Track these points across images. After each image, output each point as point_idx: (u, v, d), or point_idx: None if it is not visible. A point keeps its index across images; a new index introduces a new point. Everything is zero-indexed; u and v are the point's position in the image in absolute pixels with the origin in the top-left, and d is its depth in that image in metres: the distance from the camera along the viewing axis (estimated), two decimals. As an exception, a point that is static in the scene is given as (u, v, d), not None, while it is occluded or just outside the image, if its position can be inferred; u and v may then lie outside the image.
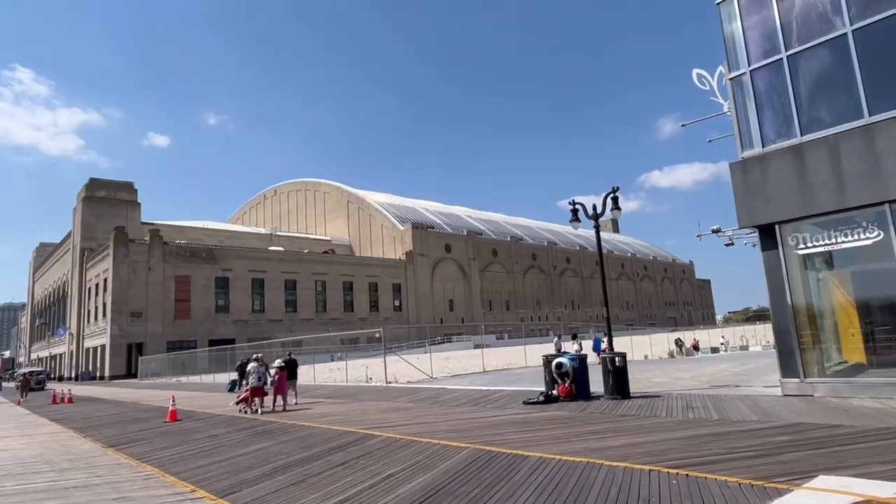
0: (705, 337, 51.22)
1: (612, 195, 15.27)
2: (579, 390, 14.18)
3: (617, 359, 14.02)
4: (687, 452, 7.19)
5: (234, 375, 26.36)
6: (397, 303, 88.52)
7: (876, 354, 11.84)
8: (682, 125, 16.42)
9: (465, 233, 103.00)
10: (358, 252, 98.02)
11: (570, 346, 31.90)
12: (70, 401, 27.83)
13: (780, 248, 12.33)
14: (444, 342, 78.20)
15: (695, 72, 15.57)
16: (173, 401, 16.58)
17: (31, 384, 43.56)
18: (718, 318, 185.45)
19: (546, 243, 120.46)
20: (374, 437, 10.28)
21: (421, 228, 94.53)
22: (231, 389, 26.51)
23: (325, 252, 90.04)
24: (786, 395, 12.04)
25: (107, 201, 74.82)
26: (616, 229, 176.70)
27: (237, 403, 17.56)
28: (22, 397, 32.37)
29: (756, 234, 15.94)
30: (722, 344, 45.68)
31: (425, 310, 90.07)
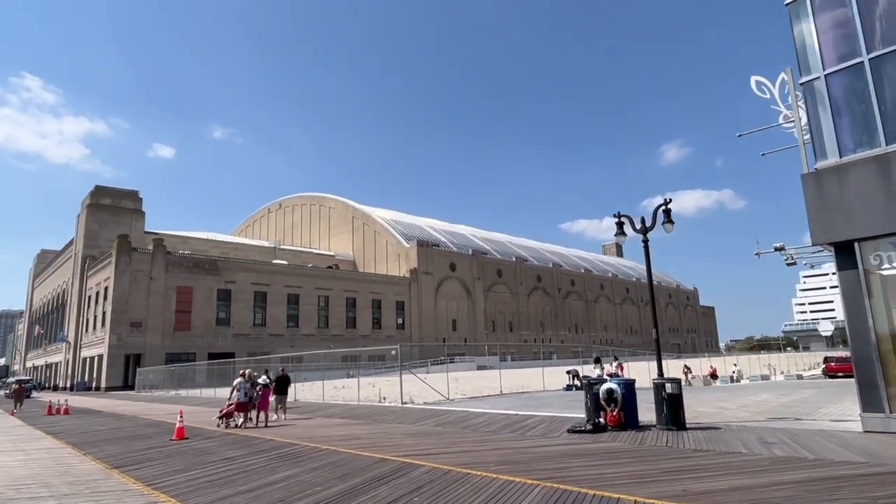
0: (715, 365, 49.69)
1: (664, 207, 14.19)
2: (628, 419, 12.96)
3: (670, 385, 12.83)
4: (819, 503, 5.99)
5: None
6: (400, 321, 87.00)
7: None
8: (739, 135, 15.44)
9: (470, 252, 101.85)
10: (362, 268, 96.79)
11: (590, 370, 30.73)
12: (66, 412, 26.49)
13: (859, 267, 11.21)
14: (446, 362, 76.69)
15: (753, 79, 14.60)
16: (181, 417, 15.31)
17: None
18: (721, 346, 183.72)
19: (551, 265, 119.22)
20: (416, 466, 9.06)
21: (426, 246, 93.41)
22: None
23: (329, 267, 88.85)
24: (867, 432, 10.81)
25: (111, 209, 73.90)
26: (620, 253, 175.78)
27: (219, 418, 17.31)
28: (15, 407, 30.95)
29: (820, 253, 14.80)
30: (734, 373, 44.16)
31: (428, 328, 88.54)
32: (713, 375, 41.26)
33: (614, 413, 12.83)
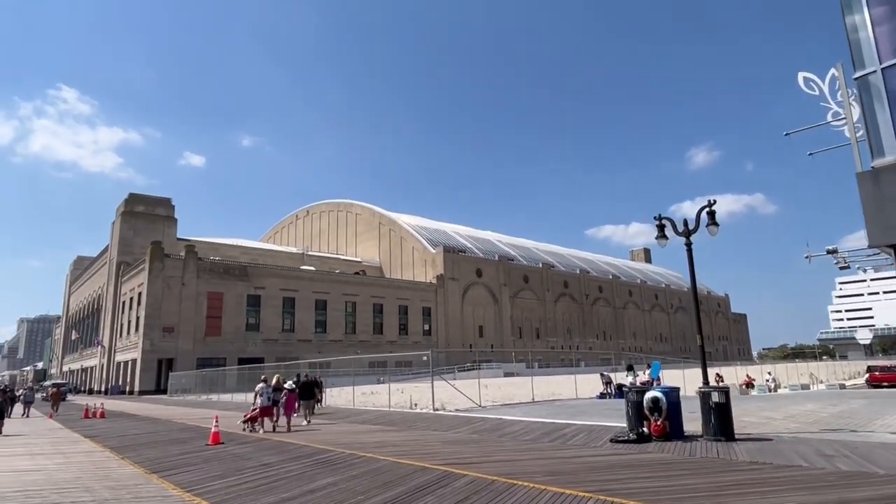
0: (750, 373, 48.20)
1: (708, 209, 13.70)
2: (673, 429, 12.49)
3: (717, 394, 12.32)
4: (903, 522, 5.55)
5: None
6: (427, 327, 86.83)
7: None
8: (786, 134, 14.89)
9: (496, 258, 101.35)
10: (388, 274, 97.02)
11: (623, 378, 30.06)
12: (102, 415, 26.88)
13: (922, 271, 10.62)
14: (472, 369, 76.31)
15: (801, 75, 14.09)
16: (217, 422, 15.31)
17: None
18: (754, 354, 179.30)
19: (578, 271, 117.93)
20: (458, 475, 8.79)
21: (452, 252, 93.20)
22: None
23: (356, 273, 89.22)
24: (934, 445, 10.20)
25: (145, 216, 75.46)
26: (648, 259, 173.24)
27: (244, 422, 17.46)
28: (53, 410, 31.59)
29: (876, 256, 14.18)
30: (767, 381, 42.76)
31: (455, 335, 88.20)
32: (749, 384, 40.03)
33: (659, 423, 12.38)
